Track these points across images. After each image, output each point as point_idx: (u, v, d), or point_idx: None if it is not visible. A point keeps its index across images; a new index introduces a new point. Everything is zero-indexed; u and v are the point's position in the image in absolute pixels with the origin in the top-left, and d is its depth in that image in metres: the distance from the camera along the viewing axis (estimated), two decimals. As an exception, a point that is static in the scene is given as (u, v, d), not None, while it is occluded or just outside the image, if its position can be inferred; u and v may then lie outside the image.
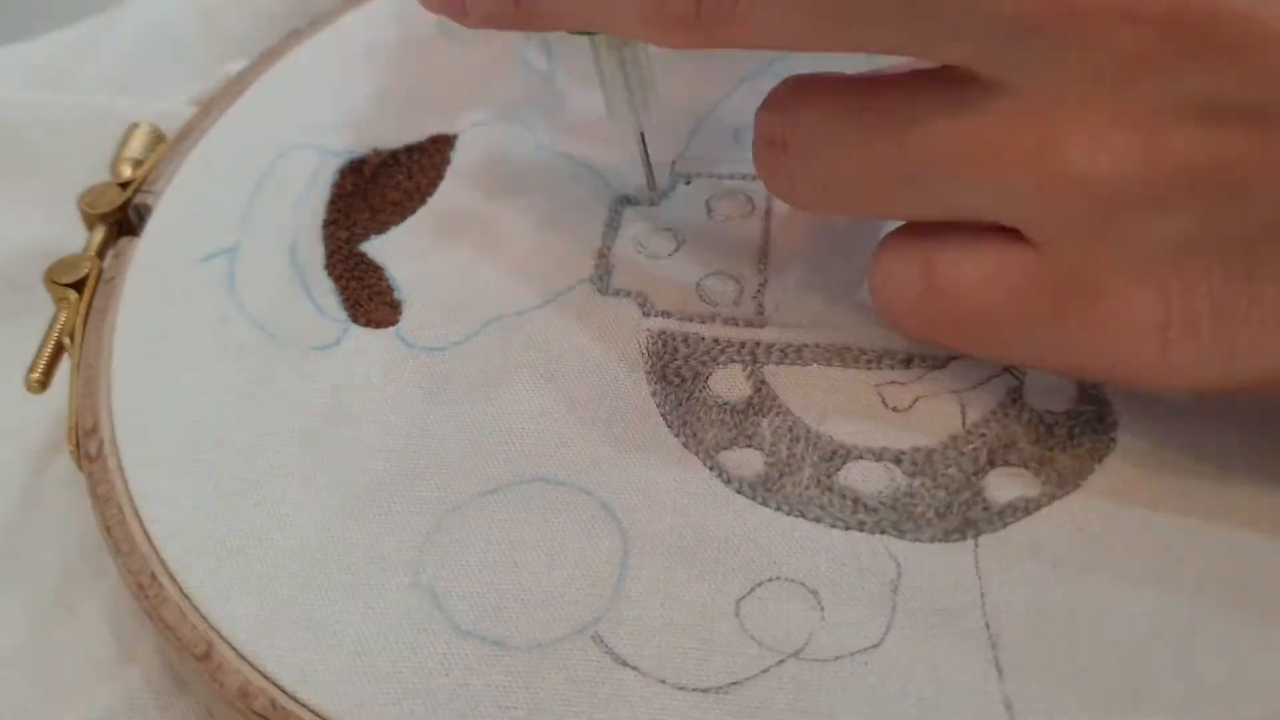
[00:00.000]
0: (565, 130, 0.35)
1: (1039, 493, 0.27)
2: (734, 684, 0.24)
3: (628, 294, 0.31)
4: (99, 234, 0.35)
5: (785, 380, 0.29)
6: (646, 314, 0.31)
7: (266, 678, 0.25)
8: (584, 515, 0.27)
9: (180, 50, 0.48)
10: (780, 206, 0.33)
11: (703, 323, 0.30)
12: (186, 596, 0.27)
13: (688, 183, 0.34)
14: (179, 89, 0.45)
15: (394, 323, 0.31)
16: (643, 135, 0.32)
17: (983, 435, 0.28)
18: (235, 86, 0.39)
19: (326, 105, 0.37)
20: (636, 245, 0.32)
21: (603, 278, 0.32)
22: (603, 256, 0.32)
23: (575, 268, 0.32)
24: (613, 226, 0.33)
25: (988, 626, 0.25)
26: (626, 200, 0.34)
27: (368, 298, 0.32)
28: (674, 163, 0.34)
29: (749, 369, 0.29)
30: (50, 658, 0.30)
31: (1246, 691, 0.23)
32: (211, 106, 0.38)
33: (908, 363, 0.29)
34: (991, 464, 0.27)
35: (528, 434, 0.28)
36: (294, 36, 0.40)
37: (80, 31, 0.49)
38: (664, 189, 0.34)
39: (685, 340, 0.30)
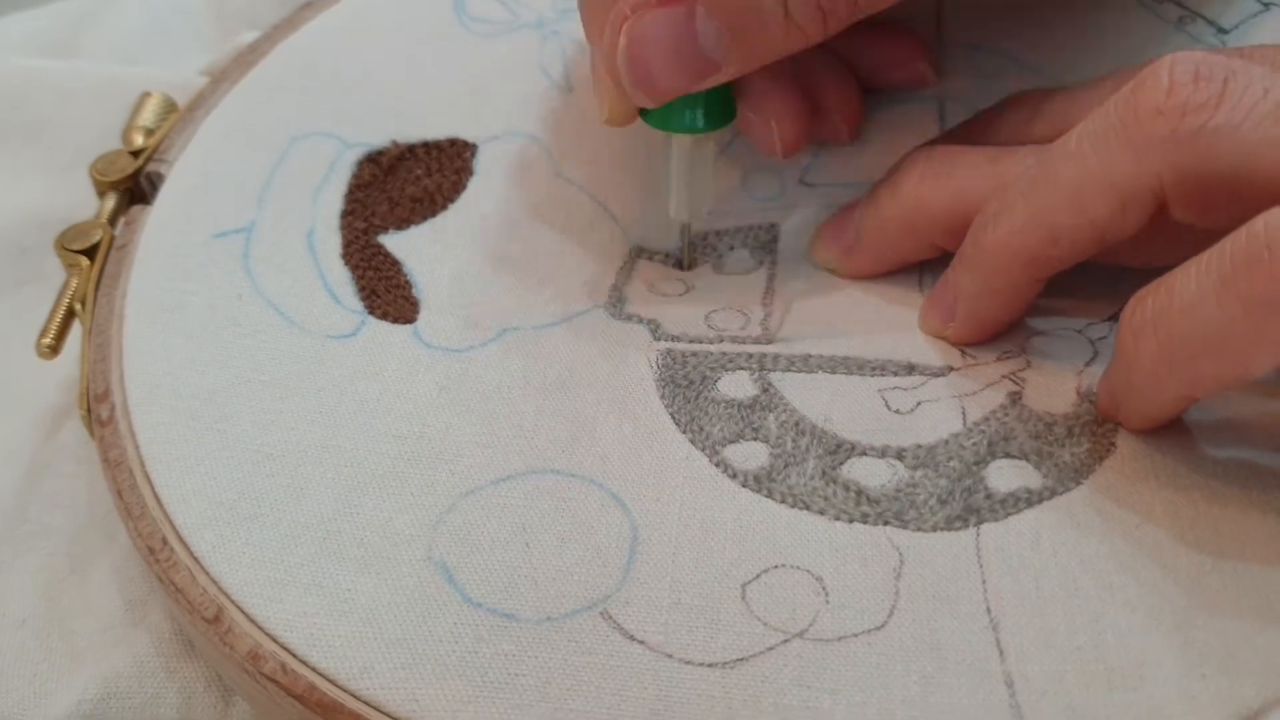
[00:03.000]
0: (586, 165, 0.36)
1: (1040, 485, 0.27)
2: (740, 660, 0.25)
3: (640, 320, 0.32)
4: (110, 201, 0.35)
5: (791, 384, 0.30)
6: (658, 338, 0.31)
7: (276, 641, 0.26)
8: (594, 504, 0.27)
9: (190, 21, 0.48)
10: (784, 260, 0.33)
11: (711, 344, 0.31)
12: (197, 560, 0.27)
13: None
14: (189, 60, 0.45)
15: (410, 318, 0.32)
16: (688, 226, 0.33)
17: (983, 431, 0.28)
18: (247, 58, 0.39)
19: (342, 89, 0.37)
20: (649, 286, 0.33)
21: (616, 305, 0.32)
22: (616, 290, 0.33)
23: (590, 295, 0.32)
24: (625, 270, 0.33)
25: (989, 610, 0.25)
26: (640, 250, 0.34)
27: (385, 290, 0.32)
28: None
29: (756, 374, 0.30)
30: (61, 621, 0.31)
31: (1244, 671, 0.24)
32: (223, 78, 0.38)
33: (910, 370, 0.30)
34: (992, 455, 0.28)
35: (540, 431, 0.29)
36: (306, 9, 0.40)
37: (89, 1, 0.49)
38: (674, 249, 0.34)
39: (694, 354, 0.31)
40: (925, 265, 0.32)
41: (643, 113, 0.31)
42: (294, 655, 0.25)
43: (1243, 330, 0.23)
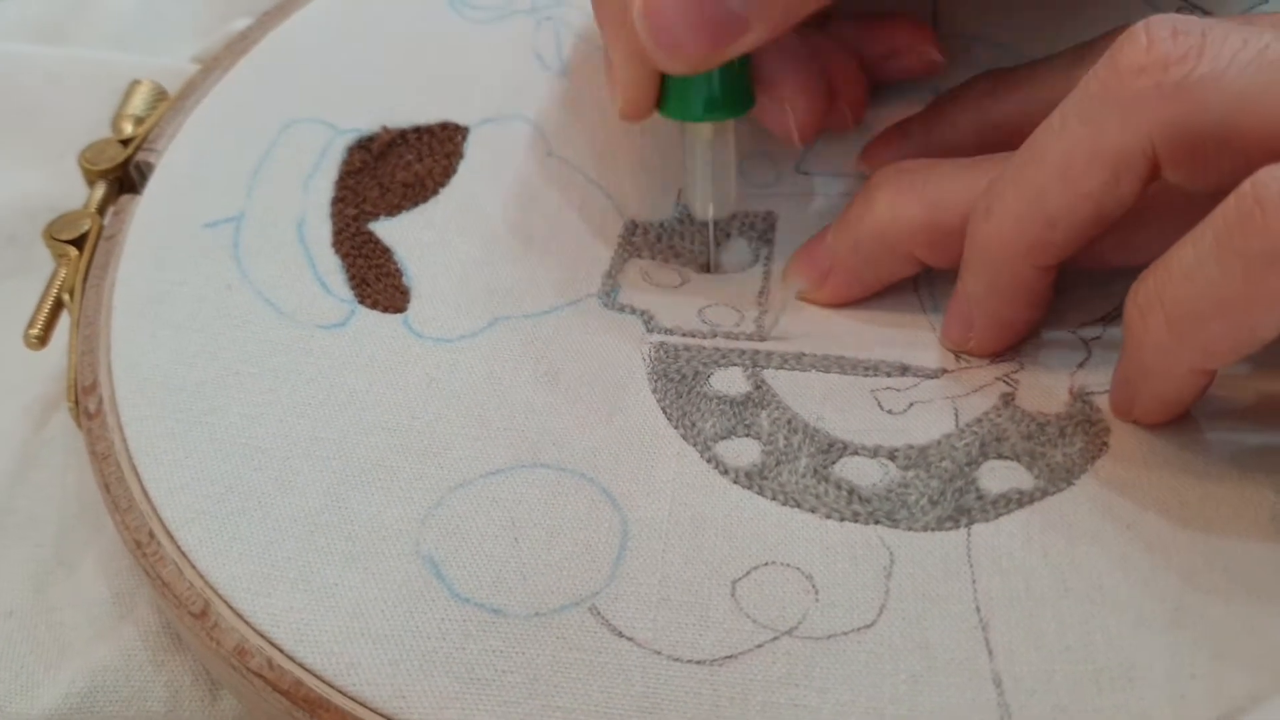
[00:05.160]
0: (579, 144, 0.35)
1: (1032, 486, 0.27)
2: (729, 657, 0.25)
3: (633, 310, 0.32)
4: (99, 191, 0.35)
5: (784, 382, 0.30)
6: (651, 330, 0.31)
7: (263, 636, 0.26)
8: (584, 499, 0.27)
9: (182, 7, 0.47)
10: (780, 258, 0.33)
11: (704, 339, 0.31)
12: (184, 555, 0.27)
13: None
14: (181, 47, 0.44)
15: (400, 308, 0.31)
16: (716, 223, 0.33)
17: (975, 432, 0.28)
18: (239, 45, 0.39)
19: (334, 77, 0.37)
20: (643, 275, 0.33)
21: (609, 294, 0.32)
22: (610, 277, 0.32)
23: (583, 282, 0.32)
24: (622, 251, 0.33)
25: (978, 610, 0.25)
26: (635, 225, 0.34)
27: (375, 278, 0.32)
28: (679, 192, 0.34)
29: (749, 371, 0.30)
30: (48, 613, 0.30)
31: (1233, 670, 0.24)
32: (214, 65, 0.38)
33: (903, 371, 0.30)
34: (984, 455, 0.28)
35: (530, 424, 0.29)
36: (298, -3, 0.40)
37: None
38: (669, 221, 0.34)
39: (687, 348, 0.31)
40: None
41: (661, 107, 0.31)
42: (281, 650, 0.25)
43: (1244, 288, 0.23)
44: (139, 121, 0.37)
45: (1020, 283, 0.28)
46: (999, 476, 0.27)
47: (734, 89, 0.30)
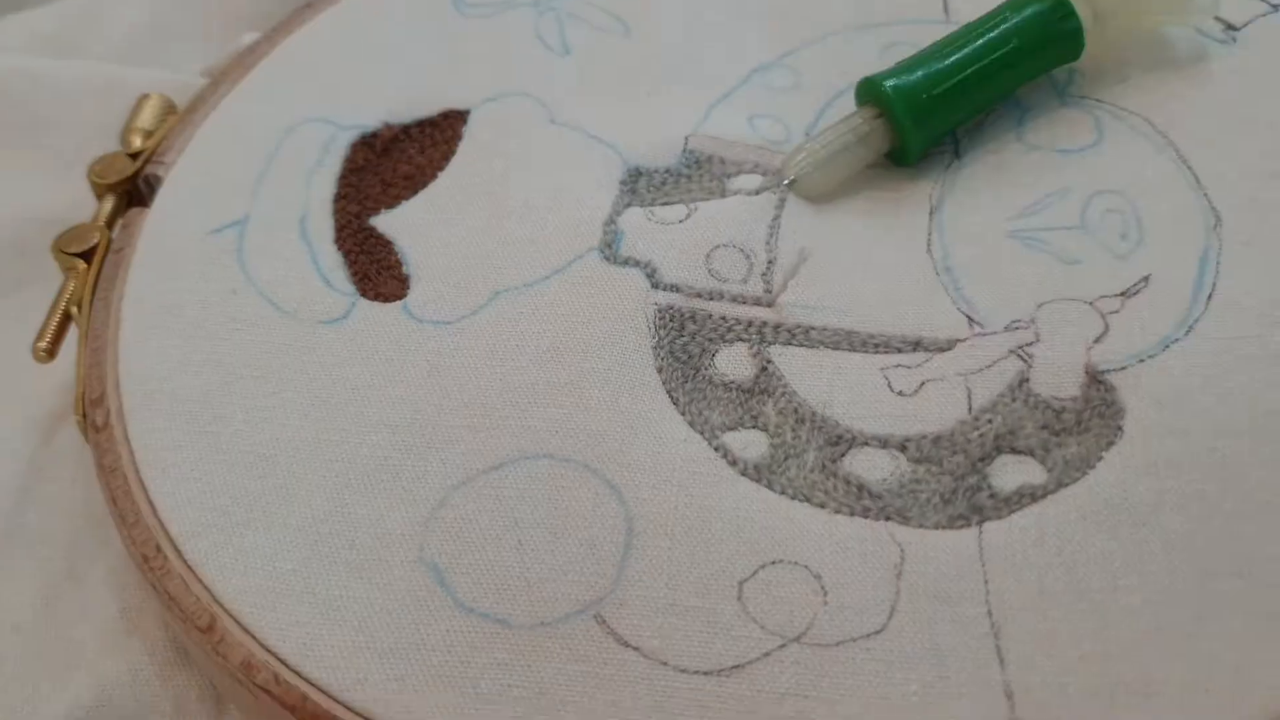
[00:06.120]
0: (579, 106, 0.35)
1: (1045, 480, 0.27)
2: (736, 667, 0.24)
3: (635, 263, 0.31)
4: (108, 204, 0.35)
5: (791, 361, 0.29)
6: (655, 285, 0.30)
7: (269, 651, 0.25)
8: (589, 493, 0.27)
9: (191, 22, 0.47)
10: (791, 205, 0.32)
11: (710, 299, 0.30)
12: (191, 569, 0.27)
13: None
14: (189, 61, 0.44)
15: (402, 297, 0.31)
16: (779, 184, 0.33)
17: (989, 421, 0.28)
18: (247, 59, 0.39)
19: (338, 78, 0.37)
20: (647, 213, 0.32)
21: (611, 245, 0.31)
22: (611, 224, 0.32)
23: (584, 237, 0.32)
24: (625, 196, 0.33)
25: (990, 614, 0.25)
26: (639, 172, 0.33)
27: (376, 272, 0.32)
28: (687, 139, 0.34)
29: (755, 348, 0.29)
30: (56, 627, 0.31)
31: (1251, 687, 0.23)
32: (223, 79, 0.38)
33: (915, 346, 0.29)
34: (998, 450, 0.27)
35: (533, 409, 0.28)
36: (306, 10, 0.40)
37: (90, 1, 0.48)
38: (675, 166, 0.34)
39: (693, 317, 0.30)
40: (933, 221, 0.31)
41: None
42: (287, 665, 0.25)
43: None
44: (148, 135, 0.37)
45: None
46: (1012, 472, 0.27)
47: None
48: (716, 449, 0.28)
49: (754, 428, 0.28)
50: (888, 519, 0.26)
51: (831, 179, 0.32)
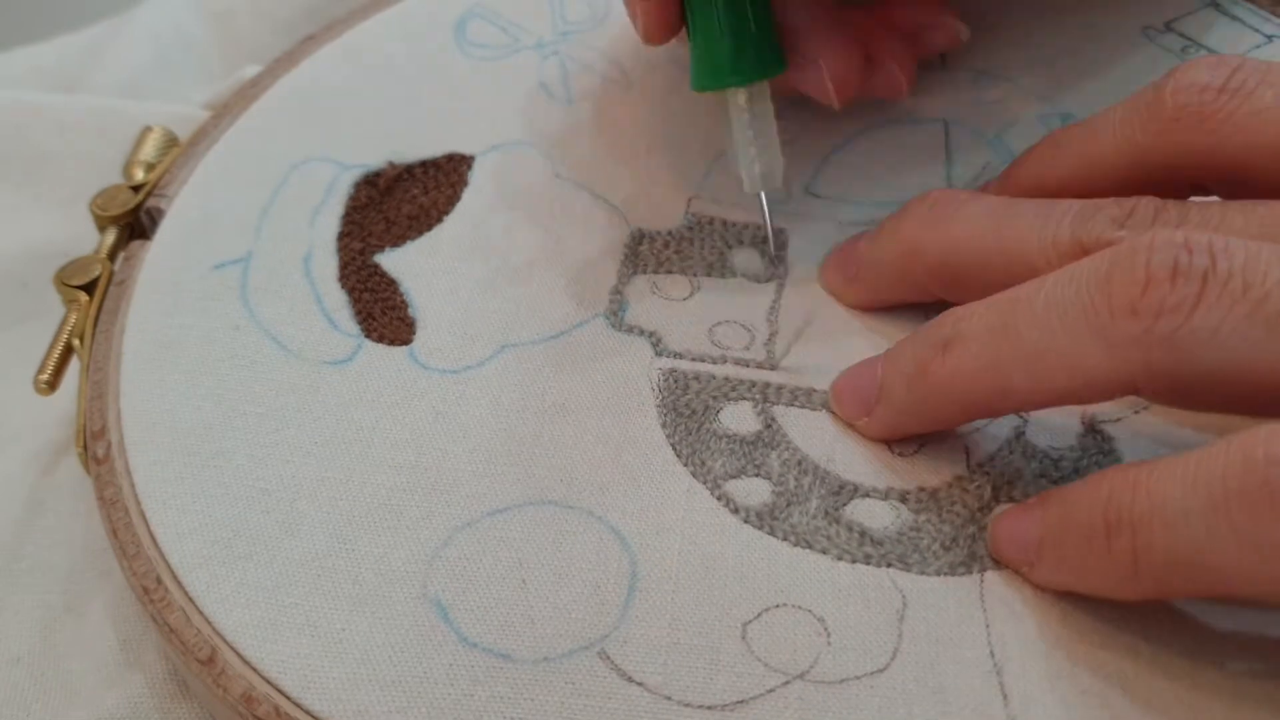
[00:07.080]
0: (585, 163, 0.36)
1: None
2: (740, 702, 0.24)
3: (641, 332, 0.31)
4: (110, 236, 0.35)
5: (794, 421, 0.29)
6: (659, 354, 0.31)
7: (270, 683, 0.25)
8: (593, 538, 0.27)
9: (193, 55, 0.48)
10: (795, 271, 0.33)
11: (714, 364, 0.31)
12: (192, 601, 0.27)
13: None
14: (192, 94, 0.45)
15: (407, 340, 0.31)
16: (763, 198, 0.33)
17: (987, 474, 0.28)
18: (249, 92, 0.39)
19: (342, 116, 0.37)
20: (652, 286, 0.33)
21: (617, 313, 0.32)
22: (618, 293, 0.32)
23: (590, 302, 0.32)
24: (629, 262, 0.33)
25: (993, 655, 0.25)
26: (642, 234, 0.34)
27: (381, 311, 0.32)
28: (689, 201, 0.35)
29: (759, 406, 0.30)
30: (56, 660, 0.30)
31: None
32: (225, 112, 0.38)
33: None
34: (996, 499, 0.27)
35: (538, 459, 0.29)
36: (309, 43, 0.41)
37: (93, 35, 0.49)
38: (677, 229, 0.34)
39: (697, 378, 0.30)
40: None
41: (693, 80, 0.31)
42: (288, 698, 0.25)
43: (1235, 562, 0.21)
44: (150, 168, 0.37)
45: (945, 421, 0.28)
46: None
47: (761, 49, 0.31)
48: (719, 498, 0.28)
49: (757, 475, 0.28)
50: (889, 565, 0.26)
51: (775, 158, 0.32)
